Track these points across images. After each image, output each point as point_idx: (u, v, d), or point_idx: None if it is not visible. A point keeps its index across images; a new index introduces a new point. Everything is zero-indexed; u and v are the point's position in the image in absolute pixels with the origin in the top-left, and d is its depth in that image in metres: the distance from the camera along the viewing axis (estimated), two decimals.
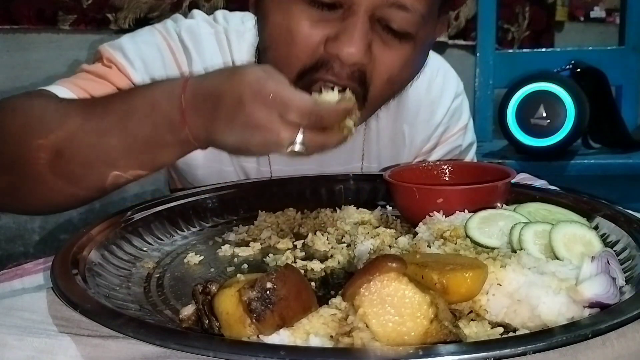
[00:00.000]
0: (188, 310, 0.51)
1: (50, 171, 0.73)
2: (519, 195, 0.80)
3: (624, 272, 0.58)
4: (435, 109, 1.10)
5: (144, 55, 0.94)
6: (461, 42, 2.53)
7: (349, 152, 1.06)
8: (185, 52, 0.97)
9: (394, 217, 0.82)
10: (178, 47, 0.97)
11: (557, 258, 0.58)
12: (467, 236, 0.64)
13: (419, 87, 1.06)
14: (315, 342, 0.45)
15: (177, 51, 0.97)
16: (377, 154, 1.08)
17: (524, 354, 0.41)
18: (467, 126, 1.16)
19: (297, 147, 0.64)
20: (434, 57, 1.11)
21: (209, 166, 1.03)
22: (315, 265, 0.67)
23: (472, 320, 0.51)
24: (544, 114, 1.73)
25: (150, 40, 0.97)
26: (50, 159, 0.72)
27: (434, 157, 1.13)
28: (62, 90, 0.86)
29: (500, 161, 1.73)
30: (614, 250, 0.63)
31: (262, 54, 0.88)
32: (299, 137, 0.63)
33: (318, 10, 0.76)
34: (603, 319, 0.46)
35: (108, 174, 0.73)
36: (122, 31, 1.69)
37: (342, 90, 0.71)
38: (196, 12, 1.06)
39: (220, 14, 1.06)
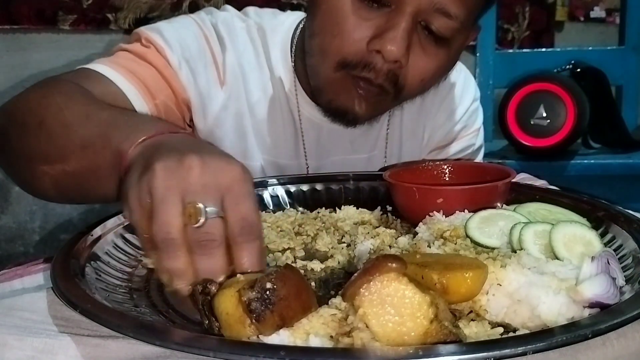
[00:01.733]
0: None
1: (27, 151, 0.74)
2: (519, 195, 0.80)
3: (624, 272, 0.58)
4: (455, 108, 1.15)
5: (181, 39, 0.96)
6: None
7: (374, 138, 1.09)
8: (220, 42, 0.99)
9: (394, 217, 0.82)
10: (213, 37, 0.99)
11: (557, 258, 0.58)
12: (467, 236, 0.64)
13: (441, 85, 1.11)
14: (315, 342, 0.45)
15: (212, 41, 0.99)
16: (398, 145, 1.12)
17: (524, 354, 0.41)
18: (480, 129, 1.21)
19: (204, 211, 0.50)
20: None
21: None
22: (315, 265, 0.67)
23: (472, 320, 0.51)
24: (544, 114, 1.73)
25: (187, 27, 0.99)
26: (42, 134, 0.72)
27: (449, 151, 1.16)
28: (101, 68, 0.88)
29: (500, 161, 1.73)
30: (614, 250, 0.63)
31: (308, 40, 0.93)
32: (209, 209, 0.50)
33: (367, 8, 0.82)
34: (603, 319, 0.46)
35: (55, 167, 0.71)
36: (122, 31, 1.69)
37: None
38: (228, 7, 1.08)
39: (252, 10, 1.08)
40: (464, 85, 1.16)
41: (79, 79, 0.84)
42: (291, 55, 1.02)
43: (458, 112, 1.15)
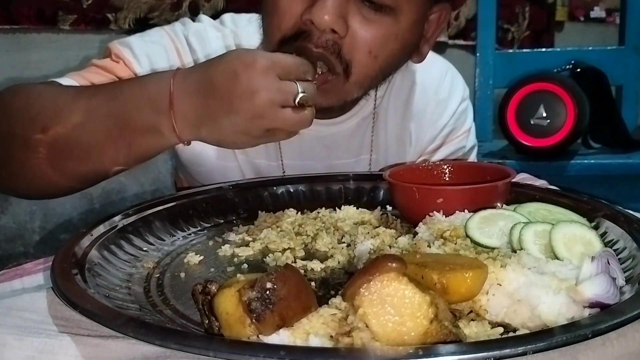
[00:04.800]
0: None
1: (36, 151, 0.75)
2: (519, 195, 0.80)
3: (624, 272, 0.58)
4: (443, 110, 1.12)
5: (150, 53, 0.97)
6: (461, 42, 2.53)
7: (358, 145, 1.08)
8: (192, 54, 1.00)
9: (394, 217, 0.82)
10: (185, 49, 0.99)
11: (557, 258, 0.58)
12: (467, 236, 0.64)
13: (427, 88, 1.10)
14: (315, 342, 0.45)
15: (183, 53, 0.99)
16: (384, 149, 1.10)
17: (524, 354, 0.41)
18: (471, 129, 1.18)
19: (301, 95, 0.68)
20: (441, 60, 1.15)
21: (213, 162, 1.04)
22: (315, 265, 0.67)
23: (472, 320, 0.51)
24: (544, 114, 1.73)
25: (158, 41, 1.00)
26: (38, 138, 0.75)
27: (438, 156, 1.14)
28: (70, 82, 0.89)
29: (500, 161, 1.73)
30: (614, 250, 0.63)
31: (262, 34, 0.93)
32: (300, 87, 0.69)
33: None
34: (603, 319, 0.46)
35: (87, 158, 0.75)
36: (122, 31, 1.69)
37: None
38: (203, 17, 1.08)
39: (228, 17, 1.08)
40: (450, 86, 1.13)
41: (37, 85, 0.85)
42: None
43: (445, 115, 1.12)
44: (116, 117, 0.73)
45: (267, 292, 0.46)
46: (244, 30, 1.04)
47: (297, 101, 0.69)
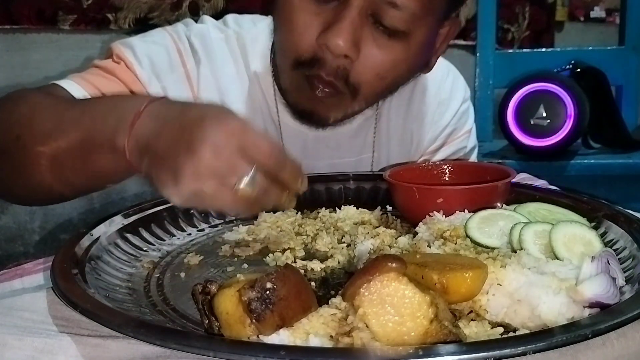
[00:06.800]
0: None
1: (11, 159, 0.75)
2: (519, 195, 0.80)
3: (624, 272, 0.58)
4: (444, 110, 1.12)
5: (152, 54, 0.96)
6: (461, 42, 2.52)
7: (360, 145, 1.08)
8: (194, 55, 0.99)
9: (394, 217, 0.82)
10: (187, 50, 0.99)
11: (557, 258, 0.58)
12: (467, 236, 0.64)
13: (429, 89, 1.10)
14: (315, 342, 0.45)
15: (185, 54, 0.98)
16: (386, 149, 1.10)
17: (524, 354, 0.41)
18: (472, 130, 1.18)
19: (245, 182, 0.57)
20: (442, 61, 1.14)
21: None
22: (315, 265, 0.67)
23: (472, 320, 0.51)
24: (544, 114, 1.73)
25: (160, 42, 0.99)
26: (11, 146, 0.74)
27: (439, 156, 1.15)
28: (71, 84, 0.89)
29: (500, 161, 1.73)
30: (614, 250, 0.63)
31: (274, 43, 0.93)
32: (251, 174, 0.57)
33: (316, 3, 0.81)
34: (603, 319, 0.46)
35: (58, 171, 0.72)
36: (122, 31, 1.69)
37: None
38: (206, 18, 1.07)
39: (231, 18, 1.07)
40: (452, 87, 1.13)
41: (32, 93, 0.84)
42: (271, 64, 0.99)
43: (446, 116, 1.12)
44: (83, 130, 0.69)
45: (267, 292, 0.46)
46: (248, 32, 1.03)
47: (235, 186, 0.58)
